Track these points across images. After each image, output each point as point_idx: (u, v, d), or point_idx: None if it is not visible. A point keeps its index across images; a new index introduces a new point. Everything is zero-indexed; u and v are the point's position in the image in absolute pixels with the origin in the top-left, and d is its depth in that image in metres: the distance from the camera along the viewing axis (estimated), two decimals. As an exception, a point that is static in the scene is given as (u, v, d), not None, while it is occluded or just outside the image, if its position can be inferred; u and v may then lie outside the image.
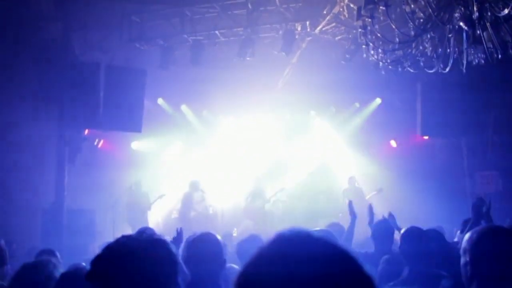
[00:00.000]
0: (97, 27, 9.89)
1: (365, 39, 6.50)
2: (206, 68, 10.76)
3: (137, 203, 11.59)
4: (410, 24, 6.21)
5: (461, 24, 5.68)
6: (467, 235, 2.37)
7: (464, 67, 6.34)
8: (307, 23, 9.90)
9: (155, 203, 11.83)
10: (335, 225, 5.29)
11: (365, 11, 6.27)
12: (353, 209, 5.01)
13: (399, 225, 5.30)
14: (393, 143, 13.65)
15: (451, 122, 10.78)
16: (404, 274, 3.15)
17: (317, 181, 12.73)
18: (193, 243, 2.99)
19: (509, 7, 5.05)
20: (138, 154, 13.11)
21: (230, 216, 12.43)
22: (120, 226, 10.27)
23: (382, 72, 8.77)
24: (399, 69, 7.47)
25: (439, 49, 6.46)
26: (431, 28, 5.93)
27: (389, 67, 7.80)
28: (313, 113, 14.13)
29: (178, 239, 3.54)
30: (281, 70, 12.04)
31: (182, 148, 13.68)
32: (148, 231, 1.89)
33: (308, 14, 9.80)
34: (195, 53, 10.09)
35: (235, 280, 0.93)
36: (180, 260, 1.95)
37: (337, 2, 9.21)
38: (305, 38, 10.35)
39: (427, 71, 6.98)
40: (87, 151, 10.80)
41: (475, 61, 6.21)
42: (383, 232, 4.43)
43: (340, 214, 11.76)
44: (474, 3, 5.23)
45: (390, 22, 6.29)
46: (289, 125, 14.10)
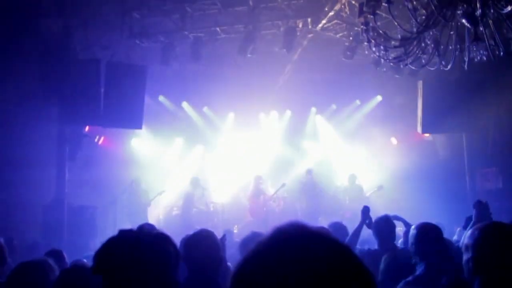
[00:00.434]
0: (98, 23, 9.85)
1: (367, 36, 6.49)
2: (206, 64, 10.75)
3: (138, 199, 11.59)
4: (412, 21, 6.20)
5: (464, 21, 5.66)
6: (469, 232, 2.36)
7: (466, 64, 6.33)
8: (309, 20, 9.88)
9: (155, 199, 11.83)
10: (337, 224, 5.27)
11: (367, 8, 6.25)
12: (366, 213, 4.96)
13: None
14: (393, 141, 13.64)
15: (451, 120, 10.77)
16: (420, 271, 3.07)
17: (317, 178, 12.71)
18: (190, 240, 2.99)
19: (512, 4, 5.02)
20: (139, 150, 13.11)
21: (231, 213, 12.43)
22: (120, 222, 10.26)
23: (383, 70, 8.78)
24: (400, 66, 7.46)
25: (441, 46, 6.45)
26: (433, 25, 5.91)
27: (391, 64, 7.81)
28: (314, 110, 14.12)
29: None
30: (282, 67, 12.01)
31: (182, 144, 13.66)
32: (147, 227, 1.90)
33: (309, 11, 9.78)
34: (195, 49, 10.07)
35: (232, 276, 0.92)
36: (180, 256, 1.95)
37: (338, -1, 9.21)
38: (306, 35, 10.33)
39: (428, 68, 6.98)
40: (88, 148, 10.79)
41: (477, 58, 6.21)
42: (385, 228, 4.39)
43: (340, 212, 11.79)
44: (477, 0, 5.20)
45: (392, 19, 6.29)
46: (290, 122, 14.10)
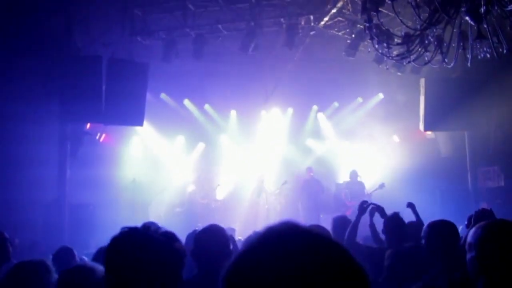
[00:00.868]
0: (99, 20, 9.82)
1: (370, 33, 6.46)
2: (208, 62, 10.72)
3: (139, 197, 11.58)
4: (415, 18, 6.17)
5: (467, 18, 5.63)
6: (472, 230, 2.33)
7: (469, 62, 6.30)
8: (311, 17, 9.85)
9: (156, 197, 11.83)
10: (342, 218, 5.21)
11: (370, 5, 6.22)
12: (362, 207, 4.92)
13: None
14: (395, 139, 13.61)
15: (453, 118, 10.74)
16: (435, 269, 3.01)
17: (319, 176, 12.70)
18: (201, 235, 2.97)
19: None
20: (140, 148, 13.09)
21: (233, 211, 12.42)
22: (121, 220, 10.25)
23: (386, 67, 8.76)
24: (403, 64, 7.43)
25: (444, 44, 6.42)
26: (436, 22, 5.88)
27: (393, 61, 7.77)
28: (315, 108, 14.09)
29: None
30: (284, 64, 11.98)
31: (184, 142, 13.65)
32: (150, 225, 1.88)
33: (311, 8, 9.75)
34: (197, 46, 10.04)
35: (224, 275, 0.90)
36: (187, 254, 1.93)
37: (341, -4, 9.17)
38: (308, 32, 10.30)
39: (431, 65, 6.95)
40: (89, 145, 10.78)
41: (481, 55, 6.18)
42: (395, 227, 4.33)
43: (342, 209, 11.78)
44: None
45: (395, 16, 6.25)
46: (291, 119, 14.08)
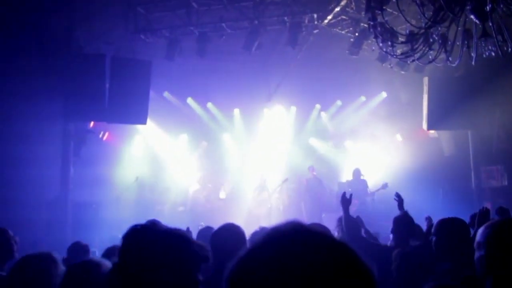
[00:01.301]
0: (102, 18, 9.81)
1: (374, 31, 6.45)
2: (211, 60, 10.71)
3: (142, 196, 11.59)
4: (420, 16, 6.16)
5: (472, 17, 5.61)
6: (481, 229, 2.33)
7: (474, 60, 6.28)
8: (315, 15, 9.82)
9: (159, 196, 11.83)
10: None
11: (374, 3, 6.21)
12: (345, 197, 4.89)
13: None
14: (398, 138, 13.59)
15: (457, 117, 10.72)
16: (445, 268, 2.99)
17: (321, 174, 12.69)
18: (217, 234, 2.96)
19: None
20: (143, 146, 13.09)
21: (236, 210, 12.40)
22: (124, 219, 10.26)
23: (390, 66, 8.74)
24: (407, 62, 7.41)
25: (449, 42, 6.40)
26: (441, 20, 5.86)
27: (397, 60, 7.76)
28: (318, 106, 14.07)
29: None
30: (287, 63, 11.97)
31: (187, 141, 13.64)
32: (156, 223, 1.85)
33: (315, 6, 9.72)
34: (201, 45, 10.02)
35: (228, 275, 0.91)
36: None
37: (344, -6, 9.15)
38: (312, 31, 10.28)
39: (435, 64, 6.94)
40: (92, 144, 10.78)
41: (485, 54, 6.16)
42: (403, 227, 4.30)
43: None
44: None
45: (399, 14, 6.24)
46: (294, 118, 14.07)
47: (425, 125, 11.38)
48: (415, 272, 3.07)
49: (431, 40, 6.46)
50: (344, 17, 9.99)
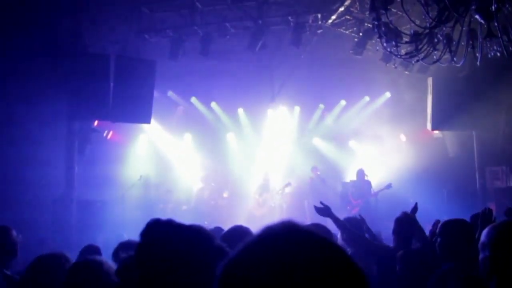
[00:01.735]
0: (107, 18, 9.84)
1: (378, 31, 6.43)
2: (215, 60, 10.72)
3: (147, 194, 11.62)
4: (424, 16, 6.13)
5: (477, 16, 5.59)
6: (487, 230, 2.31)
7: (479, 60, 6.26)
8: (318, 15, 9.82)
9: (163, 196, 11.84)
10: (352, 220, 5.17)
11: (379, 3, 6.18)
12: (319, 209, 4.89)
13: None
14: (402, 138, 13.56)
15: (461, 117, 10.68)
16: (448, 267, 2.98)
17: (324, 174, 12.67)
18: (227, 235, 2.96)
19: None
20: (147, 145, 13.12)
21: (240, 209, 12.41)
22: (129, 218, 10.29)
23: (393, 66, 8.72)
24: (412, 62, 7.39)
25: (453, 42, 6.38)
26: (446, 20, 5.84)
27: (401, 60, 7.73)
28: (322, 106, 14.06)
29: None
30: (291, 63, 11.96)
31: (191, 140, 13.66)
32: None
33: (319, 6, 9.72)
34: (204, 45, 10.03)
35: (219, 274, 0.90)
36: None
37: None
38: (316, 31, 10.27)
39: (440, 64, 6.91)
40: (97, 143, 10.81)
41: (490, 54, 6.14)
42: (404, 228, 4.26)
43: (348, 207, 11.76)
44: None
45: (403, 14, 6.22)
46: (298, 118, 14.06)
47: (429, 126, 11.34)
48: (421, 273, 3.05)
49: (435, 40, 6.43)
50: (348, 17, 9.98)
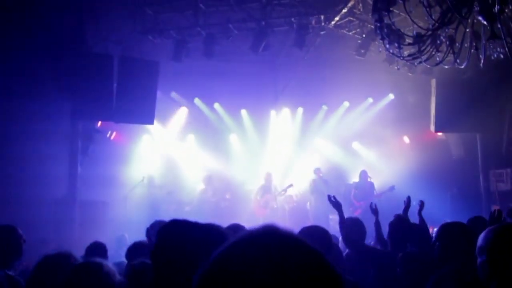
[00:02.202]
0: (110, 18, 9.88)
1: (381, 33, 6.41)
2: (218, 61, 10.73)
3: (149, 195, 11.62)
4: (427, 18, 6.11)
5: (480, 18, 5.55)
6: (484, 233, 2.29)
7: (482, 62, 6.22)
8: (322, 17, 9.81)
9: (166, 197, 11.84)
10: (353, 220, 5.13)
11: (381, 4, 6.17)
12: (332, 201, 4.75)
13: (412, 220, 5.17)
14: (406, 140, 13.51)
15: (465, 119, 10.64)
16: (447, 269, 2.95)
17: (327, 176, 12.64)
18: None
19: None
20: (150, 146, 13.13)
21: (242, 210, 12.41)
22: (132, 218, 10.30)
23: (397, 67, 8.68)
24: (414, 64, 7.37)
25: (456, 44, 6.35)
26: (448, 22, 5.81)
27: (404, 61, 7.71)
28: (325, 107, 14.03)
29: None
30: (294, 64, 11.96)
31: (194, 141, 13.66)
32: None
33: (322, 8, 9.71)
34: (208, 46, 10.05)
35: (197, 275, 0.90)
36: None
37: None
38: (319, 32, 10.26)
39: (443, 66, 6.88)
40: (100, 143, 10.84)
41: (494, 56, 6.10)
42: (399, 231, 4.24)
43: (351, 208, 11.72)
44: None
45: (406, 16, 6.20)
46: (301, 119, 14.04)
47: (433, 128, 11.30)
48: (421, 275, 3.03)
49: (438, 42, 6.41)
50: (351, 18, 9.96)
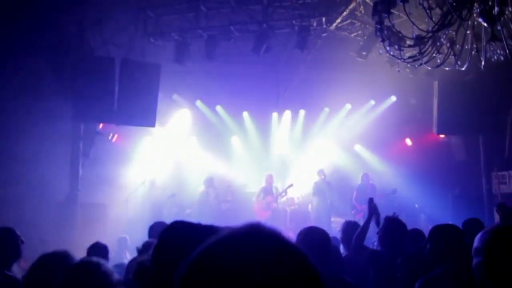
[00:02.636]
0: (112, 21, 9.92)
1: (381, 35, 6.41)
2: (220, 63, 10.74)
3: (151, 198, 11.63)
4: (427, 20, 6.11)
5: (480, 20, 5.55)
6: (480, 234, 2.28)
7: (483, 64, 6.21)
8: (323, 19, 9.81)
9: (167, 199, 11.84)
10: (350, 223, 5.13)
11: (381, 6, 6.17)
12: (372, 206, 4.72)
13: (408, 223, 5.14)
14: (408, 142, 13.49)
15: (467, 121, 10.61)
16: (439, 271, 2.94)
17: (330, 178, 12.63)
18: None
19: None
20: (152, 148, 13.15)
21: (244, 212, 12.41)
22: (133, 220, 10.32)
23: (398, 69, 8.67)
24: (415, 66, 7.37)
25: (457, 46, 6.34)
26: (449, 24, 5.81)
27: (406, 63, 7.70)
28: (327, 109, 14.03)
29: None
30: (295, 66, 11.97)
31: (196, 143, 13.68)
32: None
33: (323, 10, 9.71)
34: (209, 48, 10.07)
35: (178, 276, 0.90)
36: None
37: (353, -3, 9.11)
38: (320, 34, 10.27)
39: (444, 68, 6.87)
40: (101, 145, 10.87)
41: (494, 58, 6.09)
42: (395, 230, 4.22)
43: (353, 211, 11.71)
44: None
45: (407, 18, 6.20)
46: (303, 121, 14.04)
47: (435, 130, 11.27)
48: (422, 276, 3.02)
49: (438, 44, 6.40)
50: (352, 20, 9.96)
